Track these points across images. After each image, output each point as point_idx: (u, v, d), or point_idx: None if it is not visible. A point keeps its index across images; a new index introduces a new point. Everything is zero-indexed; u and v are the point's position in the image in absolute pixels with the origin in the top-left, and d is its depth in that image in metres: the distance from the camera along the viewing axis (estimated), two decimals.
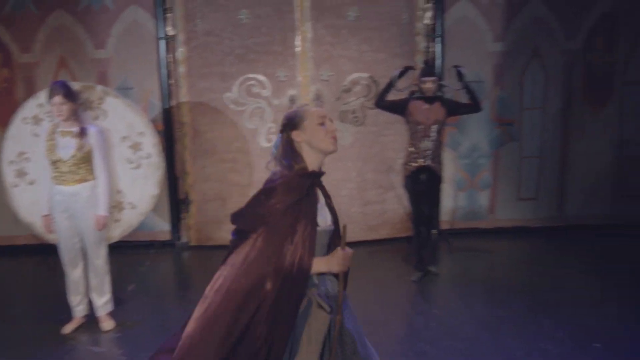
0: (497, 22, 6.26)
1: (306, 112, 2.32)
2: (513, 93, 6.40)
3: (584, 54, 6.47)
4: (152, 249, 6.22)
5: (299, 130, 2.29)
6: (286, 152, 2.31)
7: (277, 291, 2.15)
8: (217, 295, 2.21)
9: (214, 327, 2.16)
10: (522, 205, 6.58)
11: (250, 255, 2.18)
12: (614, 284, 5.09)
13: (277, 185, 2.22)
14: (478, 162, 6.44)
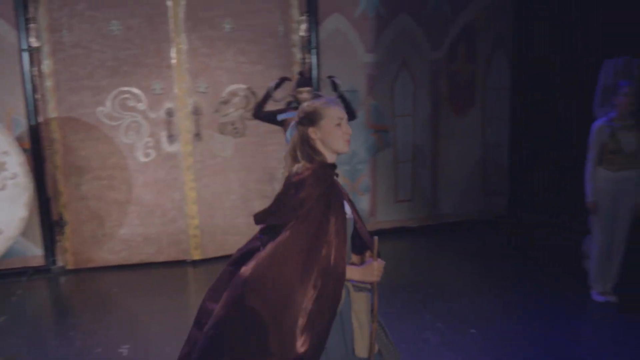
0: (368, 35, 6.57)
1: (325, 111, 2.31)
2: (385, 101, 6.74)
3: (448, 64, 6.98)
4: (24, 276, 5.80)
5: (315, 127, 2.30)
6: (304, 146, 2.31)
7: (317, 287, 2.14)
8: (249, 289, 2.17)
9: (247, 316, 2.14)
10: (400, 206, 6.95)
11: (285, 246, 2.17)
12: (486, 274, 5.54)
13: (306, 177, 2.23)
14: (357, 168, 6.71)
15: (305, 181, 2.22)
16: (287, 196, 2.24)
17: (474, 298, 4.90)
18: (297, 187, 2.22)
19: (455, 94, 7.06)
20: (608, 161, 4.59)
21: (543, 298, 4.85)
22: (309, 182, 2.22)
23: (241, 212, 6.16)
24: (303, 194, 2.21)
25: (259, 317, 2.15)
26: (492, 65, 7.21)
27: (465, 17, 6.96)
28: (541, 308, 4.65)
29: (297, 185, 2.23)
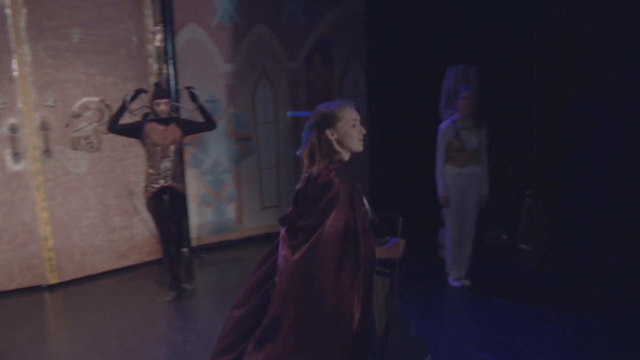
0: (226, 45, 6.58)
1: (341, 113, 2.48)
2: (246, 110, 6.79)
3: (306, 73, 7.20)
4: None
5: (332, 129, 2.47)
6: (322, 147, 2.47)
7: (355, 271, 2.36)
8: (298, 280, 2.39)
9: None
10: (267, 213, 7.01)
11: (322, 242, 2.35)
12: None
13: (332, 177, 2.40)
14: (221, 177, 6.67)
15: (332, 181, 2.39)
16: (316, 198, 2.40)
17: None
18: (325, 188, 2.39)
19: (314, 102, 7.24)
20: (454, 158, 4.99)
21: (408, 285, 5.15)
22: (336, 181, 2.40)
23: (101, 230, 5.86)
24: (332, 192, 2.38)
25: (318, 300, 2.37)
26: (348, 73, 7.55)
27: (320, 28, 7.22)
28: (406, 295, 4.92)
29: (324, 186, 2.40)
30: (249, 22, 6.68)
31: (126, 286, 5.59)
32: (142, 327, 4.59)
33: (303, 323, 2.43)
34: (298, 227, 2.47)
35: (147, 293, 5.35)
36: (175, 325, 4.59)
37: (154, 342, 4.30)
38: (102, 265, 5.87)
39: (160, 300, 5.12)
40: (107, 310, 4.94)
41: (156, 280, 5.66)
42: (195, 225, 6.55)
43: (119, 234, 6.01)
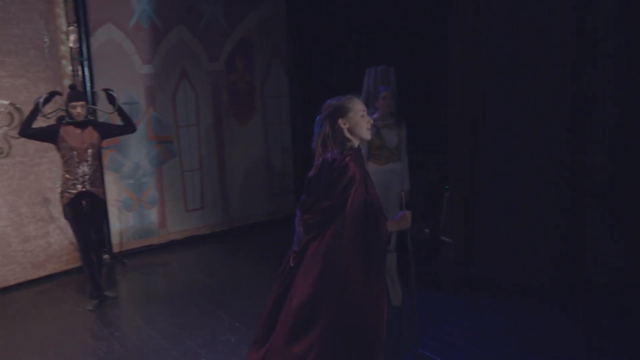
0: (145, 46, 6.44)
1: (351, 104, 2.73)
2: (167, 112, 6.68)
3: (227, 74, 7.16)
4: None
5: (344, 119, 2.71)
6: (335, 135, 2.71)
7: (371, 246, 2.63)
8: (331, 260, 2.63)
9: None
10: (190, 216, 6.93)
11: (346, 223, 2.61)
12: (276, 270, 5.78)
13: (347, 161, 2.62)
14: (142, 181, 6.53)
15: (348, 165, 2.61)
16: (334, 181, 2.61)
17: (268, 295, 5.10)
18: (342, 171, 2.61)
19: (236, 103, 7.27)
20: (375, 156, 5.12)
21: None
22: (352, 165, 2.62)
23: (14, 240, 5.58)
24: (349, 175, 2.61)
25: (349, 272, 2.62)
26: (270, 74, 7.59)
27: (241, 30, 7.21)
28: None
29: (341, 170, 2.61)
30: (168, 23, 6.58)
31: (44, 297, 5.36)
32: (62, 339, 4.42)
33: (341, 303, 2.64)
34: (317, 208, 2.67)
35: (67, 303, 5.16)
36: (97, 334, 4.45)
37: (76, 353, 4.16)
38: (16, 276, 5.59)
39: (81, 309, 4.96)
40: (24, 323, 4.72)
41: (76, 289, 5.47)
42: (117, 231, 6.37)
43: (35, 243, 5.75)
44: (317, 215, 2.68)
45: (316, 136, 2.80)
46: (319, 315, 2.66)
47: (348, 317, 2.64)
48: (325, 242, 2.68)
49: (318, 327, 2.65)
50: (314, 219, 2.69)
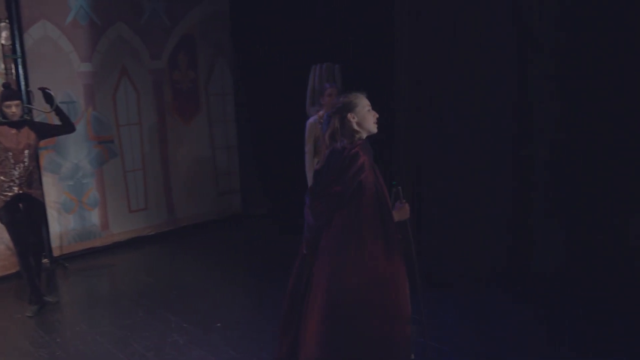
0: (83, 43, 6.25)
1: (358, 100, 2.92)
2: (107, 111, 6.50)
3: (170, 72, 7.04)
4: None
5: (353, 113, 2.88)
6: (344, 128, 2.87)
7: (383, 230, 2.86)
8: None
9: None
10: (134, 216, 6.78)
11: (360, 206, 2.80)
12: (226, 271, 5.77)
13: (357, 150, 2.80)
14: (83, 182, 6.33)
15: (358, 153, 2.80)
16: (345, 167, 2.78)
17: (216, 294, 5.08)
18: (352, 159, 2.79)
19: (180, 101, 7.16)
20: (321, 153, 5.16)
21: (282, 279, 5.23)
22: (361, 153, 2.80)
23: None
24: (359, 162, 2.79)
25: (369, 251, 2.83)
26: (214, 72, 7.51)
27: (184, 27, 7.11)
28: (282, 290, 5.00)
29: (351, 158, 2.79)
30: (106, 20, 6.41)
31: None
32: (1, 347, 4.25)
33: (365, 282, 2.82)
34: (327, 193, 2.82)
35: (5, 310, 4.96)
36: (38, 341, 4.30)
37: None
38: None
39: (20, 316, 4.77)
40: None
41: (15, 295, 5.26)
42: (57, 234, 6.16)
43: None
44: (328, 201, 2.83)
45: (324, 131, 2.99)
46: (344, 301, 2.82)
47: (374, 295, 2.82)
48: (336, 230, 2.84)
49: (345, 310, 2.82)
50: (324, 205, 2.84)
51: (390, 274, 2.86)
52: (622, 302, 4.30)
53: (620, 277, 4.54)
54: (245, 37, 7.60)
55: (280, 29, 7.34)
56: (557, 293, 4.58)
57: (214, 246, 6.69)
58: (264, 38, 7.51)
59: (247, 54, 7.66)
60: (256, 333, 4.16)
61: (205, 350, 3.92)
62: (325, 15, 6.81)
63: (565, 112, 4.78)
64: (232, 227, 7.46)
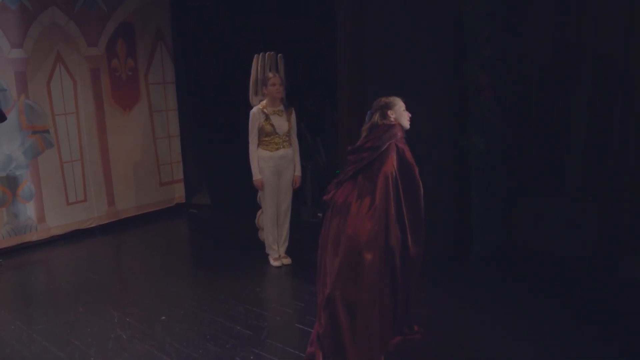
0: (13, 28, 5.95)
1: (396, 101, 3.53)
2: (42, 100, 6.24)
3: (108, 60, 6.81)
4: None
5: (392, 110, 3.50)
6: (384, 122, 3.48)
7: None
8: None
9: None
10: (73, 209, 6.56)
11: (386, 173, 3.35)
12: (169, 262, 5.68)
13: (391, 125, 3.47)
14: (16, 174, 6.06)
15: (393, 126, 3.47)
16: (382, 132, 3.44)
17: (160, 287, 4.99)
18: (386, 129, 3.45)
19: (119, 90, 6.96)
20: (265, 143, 5.13)
21: (228, 271, 5.23)
22: (392, 128, 3.46)
23: None
24: (393, 130, 3.45)
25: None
26: (154, 60, 7.32)
27: (122, 13, 6.90)
28: (227, 280, 5.00)
29: (385, 127, 3.46)
30: (39, 4, 6.13)
31: None
32: None
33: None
34: (362, 147, 3.45)
35: None
36: None
37: None
38: None
39: None
40: None
41: None
42: None
43: None
44: (360, 154, 3.43)
45: (367, 122, 3.56)
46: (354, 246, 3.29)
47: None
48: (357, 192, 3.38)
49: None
50: (353, 160, 3.45)
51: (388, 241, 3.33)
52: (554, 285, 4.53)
53: None
54: (187, 24, 7.45)
55: (223, 17, 7.23)
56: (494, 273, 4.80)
57: (157, 238, 6.58)
58: (206, 26, 7.39)
59: (188, 42, 7.51)
60: (201, 326, 4.12)
61: (150, 345, 3.84)
62: (268, 3, 6.75)
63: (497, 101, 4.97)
64: (176, 218, 7.34)
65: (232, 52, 7.21)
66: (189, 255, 6.06)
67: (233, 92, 7.09)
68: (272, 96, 5.10)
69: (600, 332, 3.75)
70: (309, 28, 6.64)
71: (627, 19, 4.49)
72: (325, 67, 6.33)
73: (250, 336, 3.91)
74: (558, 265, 4.85)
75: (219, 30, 7.30)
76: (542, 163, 5.06)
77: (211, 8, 7.25)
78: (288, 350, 3.67)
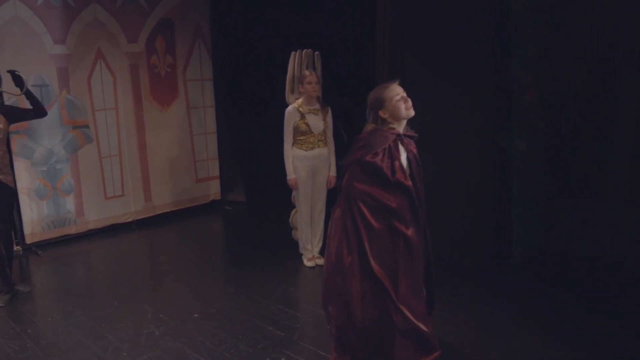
0: (56, 25, 6.05)
1: (385, 94, 3.08)
2: (83, 95, 6.33)
3: (148, 56, 6.87)
4: None
5: (383, 109, 3.09)
6: (378, 123, 3.12)
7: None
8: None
9: None
10: (110, 203, 6.65)
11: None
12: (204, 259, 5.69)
13: (375, 132, 3.11)
14: (57, 168, 6.17)
15: (375, 132, 3.11)
16: (362, 139, 3.14)
17: (193, 283, 5.00)
18: (371, 135, 3.12)
19: (157, 86, 7.01)
20: (301, 142, 5.09)
21: (261, 269, 5.21)
22: (376, 132, 3.12)
23: None
24: (360, 143, 3.12)
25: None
26: (193, 57, 7.36)
27: (161, 10, 6.94)
28: (260, 279, 4.97)
29: (371, 134, 3.13)
30: (81, 2, 6.21)
31: None
32: None
33: None
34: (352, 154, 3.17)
35: None
36: (8, 332, 4.17)
37: None
38: None
39: None
40: None
41: None
42: (29, 221, 6.01)
43: None
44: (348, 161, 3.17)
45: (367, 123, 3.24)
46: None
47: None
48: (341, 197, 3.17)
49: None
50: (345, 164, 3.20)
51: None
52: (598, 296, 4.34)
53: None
54: (225, 20, 7.47)
55: (261, 14, 7.22)
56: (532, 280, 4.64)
57: (191, 234, 6.61)
58: (243, 23, 7.39)
59: (226, 38, 7.53)
60: (234, 324, 4.10)
61: (182, 342, 3.84)
62: (306, 1, 6.70)
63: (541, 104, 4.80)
64: (210, 215, 7.38)
65: (269, 50, 7.19)
66: (223, 252, 6.07)
67: (269, 90, 7.08)
68: (308, 94, 5.04)
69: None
70: (348, 24, 6.56)
71: None
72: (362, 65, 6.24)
73: (282, 337, 3.87)
74: (601, 272, 4.66)
75: (257, 27, 7.29)
76: (585, 166, 4.88)
77: (249, 5, 7.24)
78: (320, 354, 3.61)
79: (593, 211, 4.90)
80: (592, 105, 4.78)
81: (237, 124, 7.68)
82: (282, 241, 5.83)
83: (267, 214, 7.15)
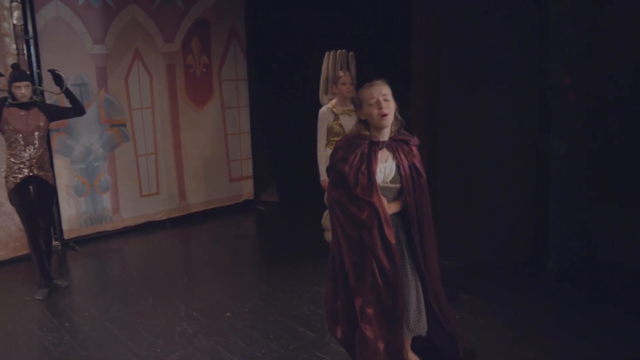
0: (96, 25, 6.18)
1: (362, 95, 2.84)
2: (120, 94, 6.44)
3: (184, 56, 6.95)
4: None
5: (362, 111, 2.84)
6: (358, 124, 2.90)
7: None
8: None
9: None
10: (146, 201, 6.75)
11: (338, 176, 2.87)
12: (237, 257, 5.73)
13: (339, 143, 2.90)
14: (94, 165, 6.30)
15: (347, 137, 2.95)
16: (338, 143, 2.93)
17: (226, 282, 5.03)
18: (345, 140, 2.93)
19: (193, 86, 7.09)
20: (330, 143, 5.07)
21: (293, 270, 5.21)
22: (344, 147, 2.85)
23: None
24: (338, 155, 2.86)
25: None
26: (228, 57, 7.41)
27: (198, 10, 7.01)
28: (292, 280, 4.97)
29: (346, 138, 2.95)
30: (119, 2, 6.32)
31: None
32: (9, 330, 4.23)
33: None
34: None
35: (15, 292, 4.95)
36: (47, 325, 4.27)
37: (24, 345, 3.98)
38: None
39: (29, 299, 4.76)
40: None
41: (25, 277, 5.24)
42: (67, 217, 6.14)
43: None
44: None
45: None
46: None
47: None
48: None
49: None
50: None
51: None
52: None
53: None
54: (260, 21, 7.51)
55: (295, 15, 7.23)
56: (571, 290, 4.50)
57: (225, 233, 6.66)
58: (278, 23, 7.41)
59: (261, 38, 7.56)
60: (266, 324, 4.11)
61: (215, 341, 3.86)
62: (341, 1, 6.69)
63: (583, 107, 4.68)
64: (243, 214, 7.43)
65: (303, 50, 7.19)
66: (255, 252, 6.10)
67: (303, 90, 7.08)
68: (342, 95, 5.02)
69: None
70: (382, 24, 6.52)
71: None
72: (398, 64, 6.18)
73: (314, 339, 3.86)
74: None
75: (291, 28, 7.30)
76: (627, 171, 4.73)
77: (284, 5, 7.26)
78: (351, 358, 3.59)
79: (635, 218, 4.75)
80: (634, 108, 4.63)
81: (270, 124, 7.71)
82: (315, 242, 5.82)
83: (299, 214, 7.16)
